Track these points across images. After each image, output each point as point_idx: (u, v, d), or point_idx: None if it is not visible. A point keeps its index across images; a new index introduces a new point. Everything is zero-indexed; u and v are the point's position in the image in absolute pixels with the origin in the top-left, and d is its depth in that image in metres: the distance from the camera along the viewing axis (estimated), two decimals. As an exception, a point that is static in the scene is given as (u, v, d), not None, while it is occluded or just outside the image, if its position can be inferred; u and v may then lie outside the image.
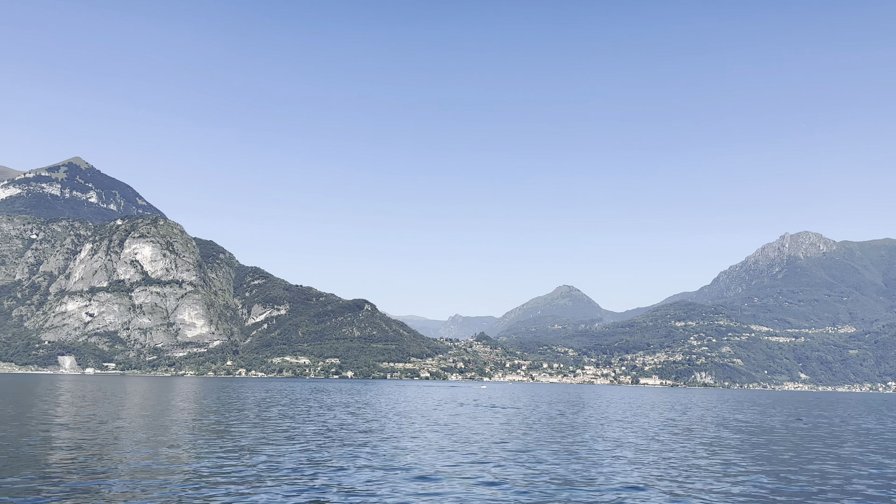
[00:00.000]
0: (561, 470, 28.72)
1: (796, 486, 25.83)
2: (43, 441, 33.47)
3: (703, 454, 36.17)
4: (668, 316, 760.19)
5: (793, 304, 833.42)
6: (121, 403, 69.85)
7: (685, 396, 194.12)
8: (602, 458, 33.59)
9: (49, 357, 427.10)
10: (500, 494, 22.74)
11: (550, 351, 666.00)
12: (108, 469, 25.70)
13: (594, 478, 26.83)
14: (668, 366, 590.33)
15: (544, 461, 31.46)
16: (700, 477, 27.64)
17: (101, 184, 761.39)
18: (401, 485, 24.20)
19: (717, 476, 28.05)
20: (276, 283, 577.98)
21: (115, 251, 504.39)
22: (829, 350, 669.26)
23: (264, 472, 26.36)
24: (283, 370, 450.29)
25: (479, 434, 44.60)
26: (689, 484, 25.85)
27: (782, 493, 24.36)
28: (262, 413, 61.70)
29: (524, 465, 30.15)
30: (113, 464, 26.84)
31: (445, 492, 23.09)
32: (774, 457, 35.81)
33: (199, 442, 35.74)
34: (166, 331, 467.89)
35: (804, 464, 32.91)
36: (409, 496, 22.25)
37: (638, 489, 24.41)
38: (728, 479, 27.12)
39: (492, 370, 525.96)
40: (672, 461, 32.65)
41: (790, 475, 28.69)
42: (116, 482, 22.96)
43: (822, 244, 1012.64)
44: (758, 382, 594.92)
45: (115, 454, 29.58)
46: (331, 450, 33.52)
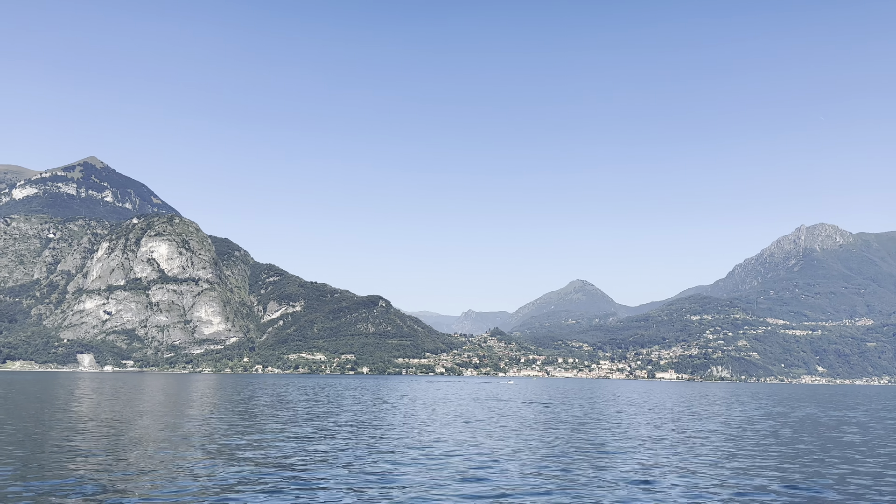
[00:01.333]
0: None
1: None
2: (92, 437, 33.60)
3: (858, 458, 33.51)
4: (683, 310, 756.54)
5: (809, 297, 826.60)
6: (181, 402, 70.20)
7: (715, 390, 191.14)
8: (768, 460, 31.43)
9: (68, 355, 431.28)
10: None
11: (565, 346, 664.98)
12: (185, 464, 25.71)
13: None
14: (684, 360, 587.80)
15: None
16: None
17: (116, 183, 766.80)
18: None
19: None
20: (290, 279, 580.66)
21: (132, 249, 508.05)
22: (846, 343, 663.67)
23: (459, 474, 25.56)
24: (300, 366, 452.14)
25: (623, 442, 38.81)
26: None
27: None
28: (365, 414, 57.43)
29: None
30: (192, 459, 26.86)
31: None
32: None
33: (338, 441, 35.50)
34: (183, 328, 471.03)
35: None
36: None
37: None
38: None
39: (507, 365, 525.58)
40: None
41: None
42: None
43: (839, 236, 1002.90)
44: (774, 376, 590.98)
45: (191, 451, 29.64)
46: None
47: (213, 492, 21.00)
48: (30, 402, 63.06)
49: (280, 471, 25.11)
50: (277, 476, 24.02)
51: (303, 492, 21.50)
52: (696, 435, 43.36)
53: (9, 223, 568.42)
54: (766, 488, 23.82)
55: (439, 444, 35.11)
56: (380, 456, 29.81)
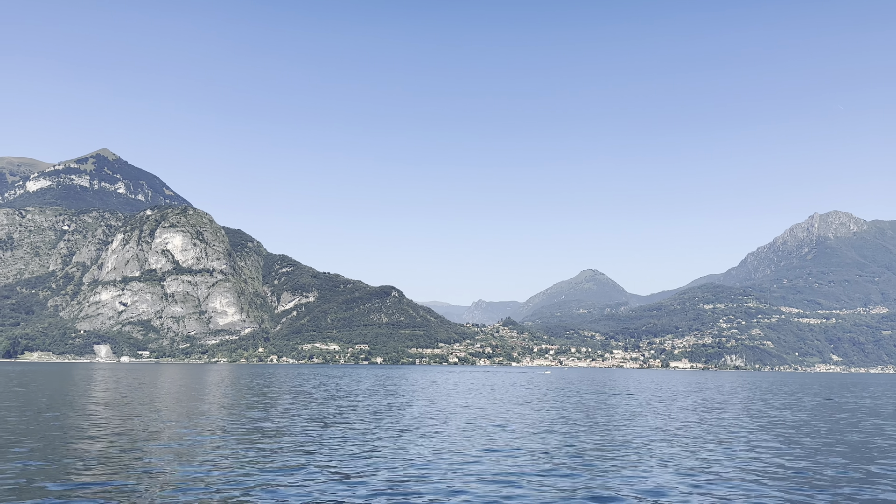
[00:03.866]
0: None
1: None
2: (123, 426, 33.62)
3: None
4: (695, 299, 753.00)
5: (823, 285, 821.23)
6: (208, 393, 70.40)
7: (746, 379, 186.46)
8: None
9: (85, 346, 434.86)
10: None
11: (577, 335, 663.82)
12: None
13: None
14: (697, 349, 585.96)
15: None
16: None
17: (129, 174, 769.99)
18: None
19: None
20: (303, 270, 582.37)
21: (146, 241, 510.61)
22: (861, 331, 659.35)
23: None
24: (314, 356, 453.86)
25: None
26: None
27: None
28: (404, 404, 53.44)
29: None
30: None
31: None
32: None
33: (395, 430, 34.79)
34: (198, 319, 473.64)
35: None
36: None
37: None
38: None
39: (519, 355, 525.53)
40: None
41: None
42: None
43: (853, 223, 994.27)
44: (789, 364, 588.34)
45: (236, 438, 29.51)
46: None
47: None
48: (66, 393, 63.41)
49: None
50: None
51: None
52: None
53: (24, 215, 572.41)
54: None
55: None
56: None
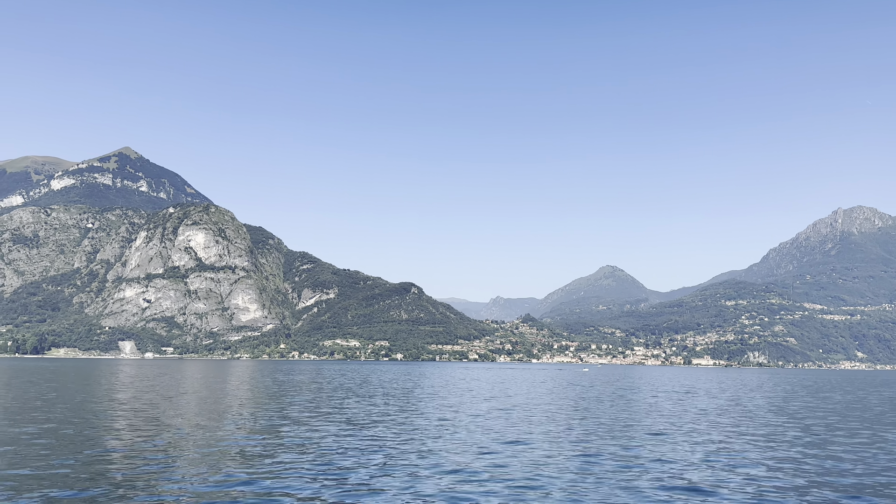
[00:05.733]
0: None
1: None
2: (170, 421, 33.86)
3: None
4: (717, 295, 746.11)
5: (847, 281, 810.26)
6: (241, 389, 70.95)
7: (788, 377, 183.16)
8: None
9: (110, 342, 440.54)
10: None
11: (597, 332, 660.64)
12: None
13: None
14: (720, 346, 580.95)
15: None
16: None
17: (151, 173, 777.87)
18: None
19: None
20: (324, 267, 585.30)
21: (169, 238, 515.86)
22: (886, 327, 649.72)
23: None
24: (335, 353, 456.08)
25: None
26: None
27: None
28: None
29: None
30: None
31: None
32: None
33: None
34: (221, 315, 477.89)
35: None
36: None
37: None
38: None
39: (539, 352, 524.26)
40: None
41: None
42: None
43: (878, 219, 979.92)
44: (812, 361, 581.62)
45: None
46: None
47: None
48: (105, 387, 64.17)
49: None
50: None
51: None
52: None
53: (49, 213, 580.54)
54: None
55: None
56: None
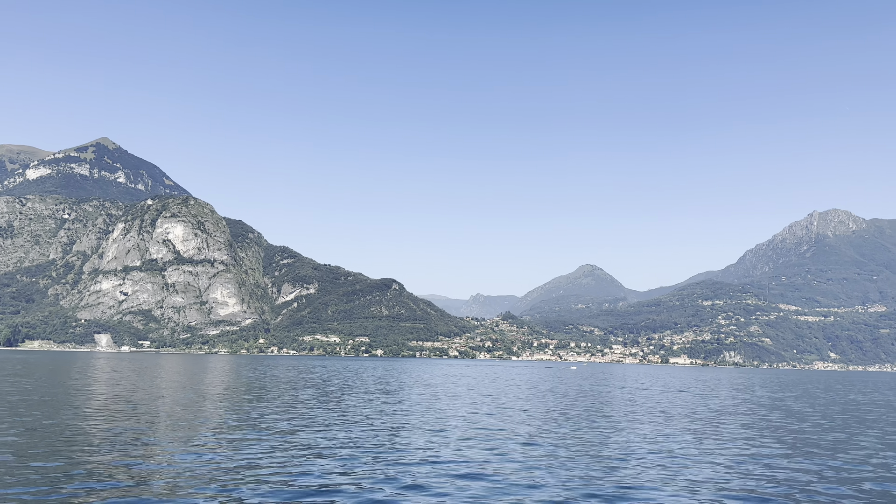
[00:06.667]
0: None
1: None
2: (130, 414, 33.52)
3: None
4: (694, 295, 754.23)
5: (822, 283, 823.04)
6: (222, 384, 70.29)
7: (770, 377, 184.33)
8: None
9: (86, 335, 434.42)
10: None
11: (576, 330, 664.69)
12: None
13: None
14: (696, 345, 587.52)
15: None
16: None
17: (129, 164, 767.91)
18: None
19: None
20: (304, 262, 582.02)
21: (147, 231, 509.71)
22: (859, 329, 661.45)
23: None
24: (315, 348, 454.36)
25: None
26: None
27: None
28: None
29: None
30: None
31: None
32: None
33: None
34: (199, 309, 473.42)
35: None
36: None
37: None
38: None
39: (519, 349, 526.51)
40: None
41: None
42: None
43: (852, 222, 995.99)
44: (787, 362, 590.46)
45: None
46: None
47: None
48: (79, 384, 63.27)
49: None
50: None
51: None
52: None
53: (24, 203, 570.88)
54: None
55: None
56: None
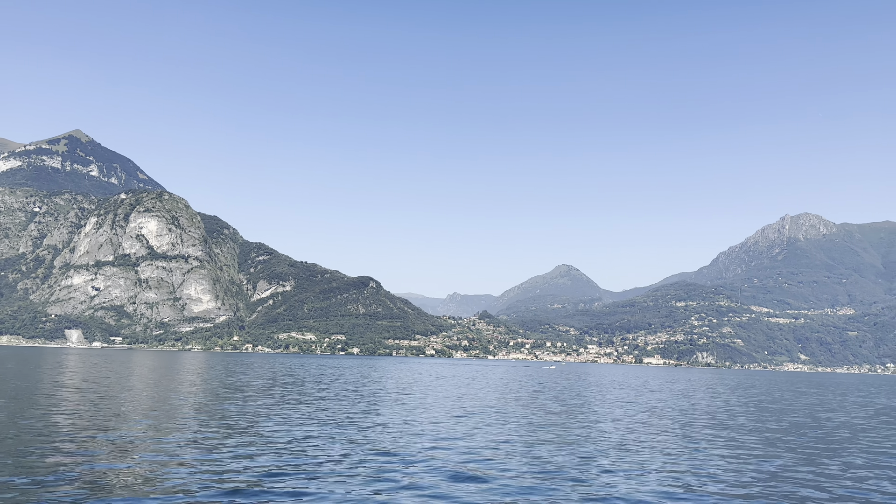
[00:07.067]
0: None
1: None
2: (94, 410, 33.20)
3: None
4: (668, 296, 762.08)
5: (792, 286, 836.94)
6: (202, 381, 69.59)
7: (744, 378, 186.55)
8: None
9: (56, 330, 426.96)
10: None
11: (552, 329, 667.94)
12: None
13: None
14: (670, 345, 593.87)
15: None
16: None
17: (102, 157, 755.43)
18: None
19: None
20: (280, 259, 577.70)
21: (121, 225, 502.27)
22: (828, 331, 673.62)
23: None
24: (290, 346, 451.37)
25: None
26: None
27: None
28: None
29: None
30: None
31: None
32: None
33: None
34: (172, 305, 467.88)
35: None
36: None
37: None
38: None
39: (496, 348, 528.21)
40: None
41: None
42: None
43: (823, 226, 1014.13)
44: (758, 363, 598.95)
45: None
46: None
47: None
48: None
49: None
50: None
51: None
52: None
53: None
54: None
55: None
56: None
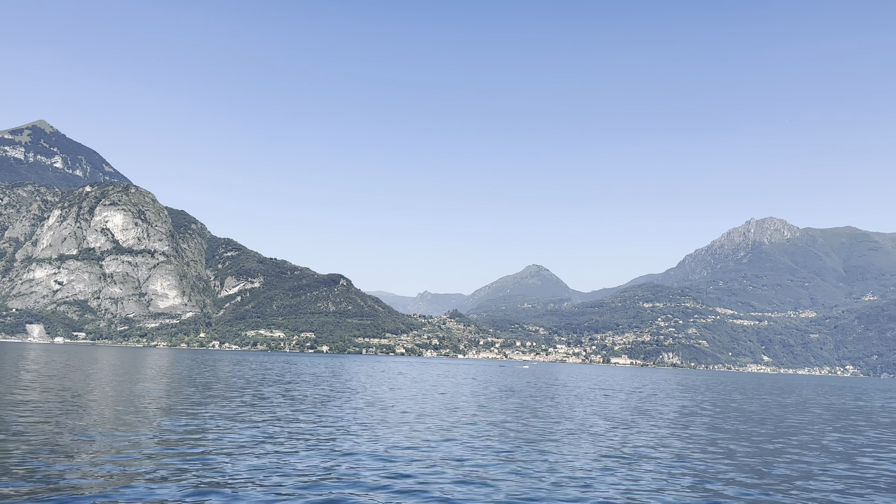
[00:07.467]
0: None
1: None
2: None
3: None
4: (635, 297, 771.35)
5: (757, 289, 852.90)
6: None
7: (709, 379, 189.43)
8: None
9: (17, 325, 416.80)
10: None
11: (522, 329, 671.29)
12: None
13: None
14: (637, 346, 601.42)
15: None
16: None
17: (67, 148, 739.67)
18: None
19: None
20: (249, 255, 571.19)
21: (85, 218, 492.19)
22: (790, 334, 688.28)
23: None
24: (258, 343, 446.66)
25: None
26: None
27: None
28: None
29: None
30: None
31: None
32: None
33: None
34: (138, 301, 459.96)
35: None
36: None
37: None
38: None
39: (466, 347, 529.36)
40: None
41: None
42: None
43: (787, 230, 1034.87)
44: (722, 364, 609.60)
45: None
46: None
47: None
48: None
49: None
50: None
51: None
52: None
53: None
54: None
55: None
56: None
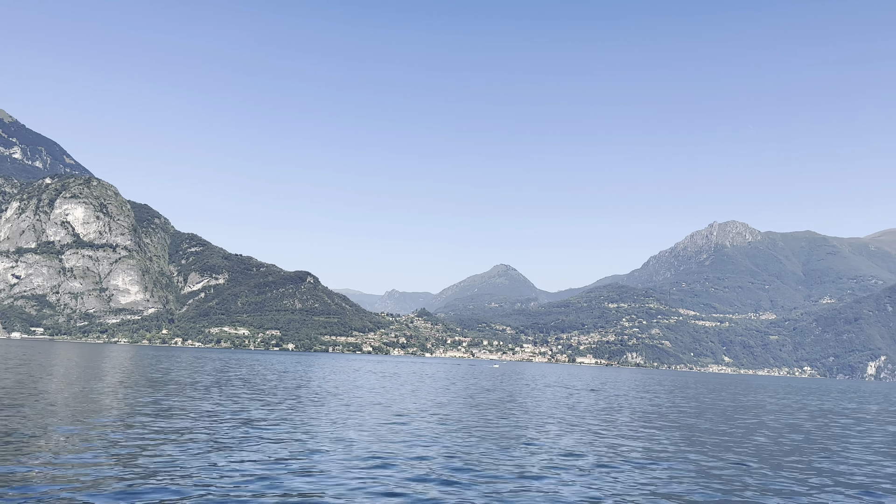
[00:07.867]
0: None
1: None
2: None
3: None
4: (601, 297, 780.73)
5: (718, 290, 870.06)
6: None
7: (674, 378, 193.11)
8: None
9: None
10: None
11: (489, 328, 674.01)
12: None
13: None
14: (601, 346, 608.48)
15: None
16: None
17: (26, 139, 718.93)
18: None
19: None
20: (214, 251, 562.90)
21: (45, 211, 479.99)
22: (751, 335, 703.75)
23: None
24: (222, 341, 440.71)
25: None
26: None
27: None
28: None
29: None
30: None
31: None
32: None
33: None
34: (98, 296, 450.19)
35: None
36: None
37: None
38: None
39: (433, 346, 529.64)
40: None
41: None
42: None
43: (748, 234, 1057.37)
44: (684, 364, 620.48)
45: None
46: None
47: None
48: None
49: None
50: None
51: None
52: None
53: None
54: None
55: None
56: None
